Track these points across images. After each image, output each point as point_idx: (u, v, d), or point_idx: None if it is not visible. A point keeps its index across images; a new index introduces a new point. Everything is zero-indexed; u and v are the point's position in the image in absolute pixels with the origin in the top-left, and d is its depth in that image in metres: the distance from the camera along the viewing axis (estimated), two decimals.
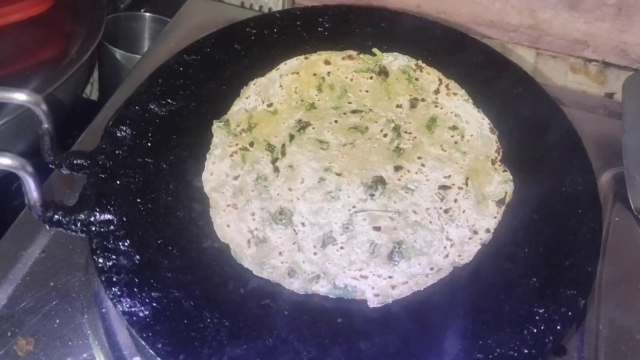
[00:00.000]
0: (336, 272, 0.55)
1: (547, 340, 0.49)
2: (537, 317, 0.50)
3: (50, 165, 0.58)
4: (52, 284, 0.59)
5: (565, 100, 0.73)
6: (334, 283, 0.54)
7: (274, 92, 0.66)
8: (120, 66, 0.88)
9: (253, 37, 0.71)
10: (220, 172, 0.60)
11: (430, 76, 0.67)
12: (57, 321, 0.57)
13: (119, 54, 0.87)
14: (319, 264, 0.55)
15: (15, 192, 0.73)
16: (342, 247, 0.56)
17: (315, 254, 0.56)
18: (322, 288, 0.54)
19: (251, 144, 0.62)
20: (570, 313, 0.50)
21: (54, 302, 0.58)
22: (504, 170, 0.61)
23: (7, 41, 0.82)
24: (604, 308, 0.58)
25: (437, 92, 0.66)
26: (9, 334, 0.56)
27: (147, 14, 0.94)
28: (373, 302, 0.53)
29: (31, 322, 0.57)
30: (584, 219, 0.56)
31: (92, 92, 0.99)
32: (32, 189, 0.50)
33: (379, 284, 0.54)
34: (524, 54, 0.99)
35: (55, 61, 0.80)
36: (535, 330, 0.50)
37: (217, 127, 0.63)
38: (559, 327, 0.50)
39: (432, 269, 0.55)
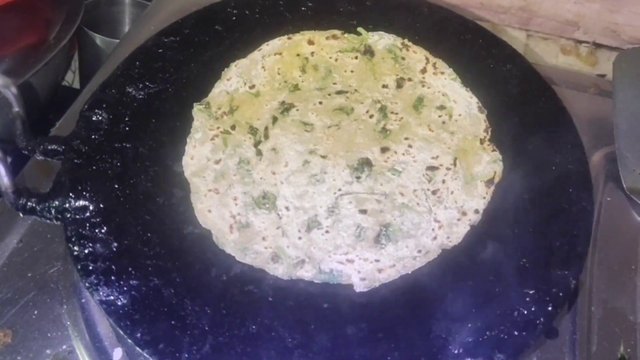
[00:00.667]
0: (321, 257, 0.53)
1: (538, 322, 0.48)
2: (527, 299, 0.49)
3: (23, 151, 0.56)
4: (30, 274, 0.57)
5: (555, 79, 0.71)
6: (319, 268, 0.53)
7: (256, 74, 0.64)
8: (101, 52, 0.86)
9: (234, 18, 0.68)
10: (201, 156, 0.59)
11: (417, 55, 0.66)
12: (36, 312, 0.55)
13: (99, 39, 0.85)
14: (303, 248, 0.54)
15: None
16: (327, 231, 0.55)
17: (299, 238, 0.54)
18: (307, 273, 0.52)
19: (233, 127, 0.61)
20: (561, 294, 0.49)
21: (32, 293, 0.56)
22: (493, 150, 0.59)
23: None
24: (596, 289, 0.57)
25: (424, 71, 0.64)
26: None
27: None
28: (359, 287, 0.52)
29: (9, 313, 0.55)
30: (575, 199, 0.55)
31: (74, 80, 0.97)
32: (2, 175, 0.49)
33: (365, 268, 0.52)
34: (515, 35, 0.98)
35: (35, 47, 0.78)
36: (525, 312, 0.49)
37: (197, 110, 0.61)
38: (549, 309, 0.48)
39: (419, 251, 0.54)
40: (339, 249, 0.53)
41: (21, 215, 0.53)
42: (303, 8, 0.69)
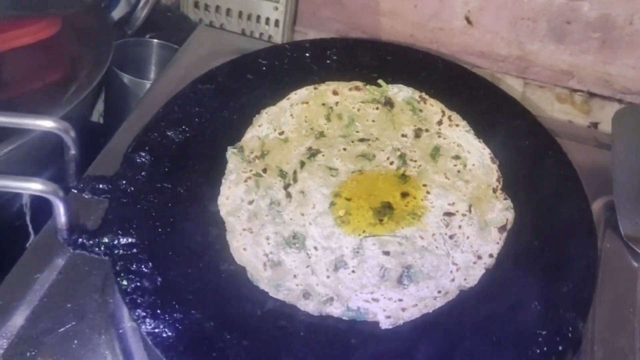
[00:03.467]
0: (349, 295, 0.57)
1: None
2: (540, 339, 0.54)
3: (73, 190, 0.60)
4: (69, 305, 0.60)
5: (557, 131, 0.77)
6: (347, 305, 0.56)
7: (285, 121, 0.69)
8: (127, 90, 0.90)
9: (264, 68, 0.74)
10: (236, 196, 0.63)
11: (434, 108, 0.71)
12: (75, 342, 0.58)
13: (126, 78, 0.89)
14: (332, 286, 0.58)
15: (17, 213, 0.74)
16: (353, 271, 0.59)
17: (328, 277, 0.58)
18: (335, 310, 0.56)
19: (264, 170, 0.65)
20: (570, 335, 0.54)
21: (72, 323, 0.59)
22: (505, 198, 0.64)
23: (15, 64, 0.83)
24: (598, 330, 0.61)
25: (440, 123, 0.70)
26: (29, 355, 0.57)
27: (155, 40, 0.97)
28: (385, 324, 0.56)
29: (50, 342, 0.58)
30: (580, 246, 0.60)
31: (92, 114, 1.00)
32: (61, 214, 0.52)
33: (389, 307, 0.56)
34: (513, 83, 1.04)
35: (62, 85, 0.81)
36: (538, 351, 0.53)
37: (231, 153, 0.66)
38: (560, 349, 0.53)
39: (439, 292, 0.58)
40: (364, 288, 0.58)
41: (71, 250, 0.57)
42: (328, 61, 0.75)
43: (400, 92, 0.72)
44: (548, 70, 1.03)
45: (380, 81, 0.73)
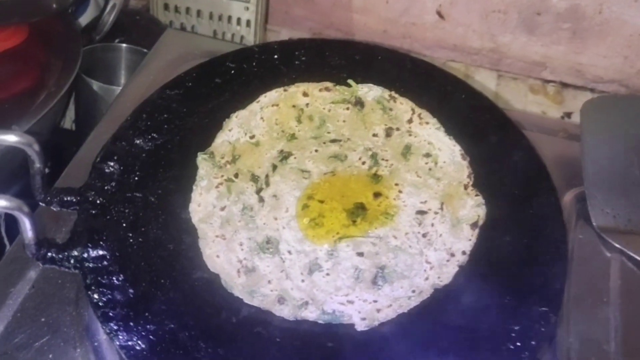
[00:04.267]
0: (324, 298, 0.57)
1: (523, 356, 0.53)
2: (513, 334, 0.54)
3: (40, 203, 0.59)
4: (43, 319, 0.60)
5: (526, 124, 0.78)
6: (322, 309, 0.57)
7: (255, 124, 0.69)
8: (97, 97, 0.89)
9: (233, 71, 0.73)
10: (207, 203, 0.63)
11: (404, 106, 0.71)
12: (50, 356, 0.58)
13: (95, 85, 0.88)
14: (306, 290, 0.58)
15: None
16: (327, 274, 0.59)
17: (302, 281, 0.58)
18: (311, 314, 0.56)
19: (236, 175, 0.65)
20: (543, 329, 0.54)
21: (46, 337, 0.59)
22: (476, 195, 0.64)
23: None
24: (573, 322, 0.62)
25: (410, 121, 0.70)
26: None
27: (123, 45, 0.96)
28: (360, 326, 0.56)
29: (24, 357, 0.57)
30: (550, 239, 0.60)
31: (65, 120, 0.99)
32: (27, 229, 0.52)
33: (365, 308, 0.57)
34: (486, 75, 1.05)
35: (31, 94, 0.80)
36: (512, 347, 0.53)
37: (202, 159, 0.65)
38: (533, 343, 0.53)
39: (414, 291, 0.58)
40: (339, 291, 0.58)
41: (40, 265, 0.56)
42: (297, 62, 0.74)
43: (370, 92, 0.72)
44: (521, 62, 1.04)
45: (350, 81, 0.73)
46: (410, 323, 0.56)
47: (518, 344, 0.53)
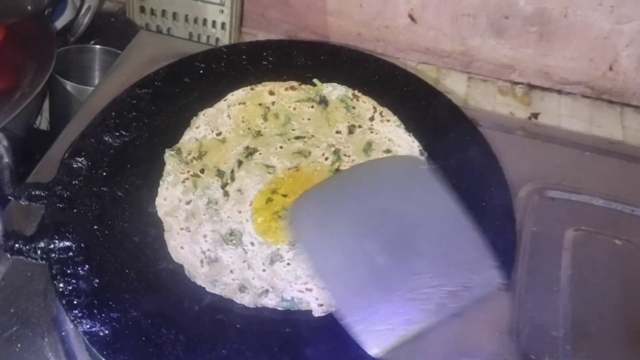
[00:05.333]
0: (283, 287, 0.59)
1: None
2: None
3: (9, 197, 0.61)
4: (12, 310, 0.62)
5: (488, 123, 0.80)
6: (282, 296, 0.59)
7: (222, 122, 0.71)
8: (71, 98, 0.91)
9: (202, 71, 0.75)
10: (173, 197, 0.65)
11: (366, 105, 0.74)
12: (19, 345, 0.60)
13: (69, 86, 0.90)
14: (267, 279, 0.60)
15: None
16: (288, 264, 0.61)
17: (264, 270, 0.61)
18: (270, 301, 0.59)
19: (202, 171, 0.67)
20: None
21: (15, 328, 0.60)
22: None
23: None
24: (523, 309, 0.65)
25: (372, 119, 0.73)
26: None
27: (97, 47, 0.97)
28: (317, 312, 0.58)
29: None
30: (501, 230, 0.63)
31: (41, 121, 1.01)
32: None
33: (322, 295, 0.59)
34: (457, 77, 1.07)
35: (7, 94, 0.82)
36: None
37: (169, 155, 0.68)
38: None
39: None
40: (299, 279, 0.60)
41: (8, 255, 0.58)
42: (264, 62, 0.77)
43: (334, 91, 0.75)
44: (490, 64, 1.07)
45: (315, 80, 0.75)
46: None
47: None
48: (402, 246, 0.55)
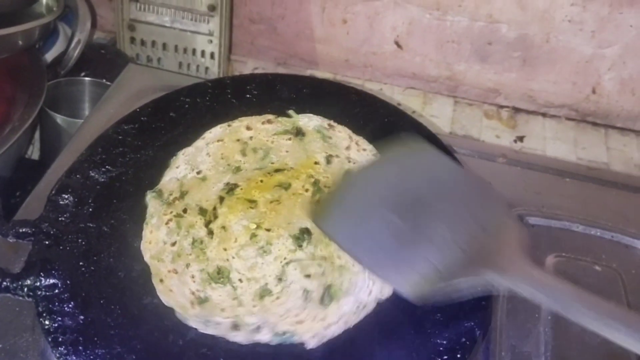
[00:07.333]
0: (275, 321, 0.59)
1: None
2: (441, 348, 0.58)
3: None
4: (0, 345, 0.63)
5: (466, 150, 0.82)
6: (274, 331, 0.59)
7: (202, 160, 0.71)
8: (61, 130, 0.92)
9: (187, 105, 0.77)
10: (158, 240, 0.65)
11: (342, 134, 0.74)
12: None
13: (59, 118, 0.91)
14: (259, 315, 0.60)
15: None
16: (278, 297, 0.61)
17: (254, 306, 0.61)
18: (264, 337, 0.59)
19: (184, 210, 0.67)
20: (468, 342, 0.58)
21: None
22: None
23: None
24: (505, 336, 0.66)
25: (348, 148, 0.73)
26: None
27: (87, 79, 0.99)
28: (310, 344, 0.58)
29: None
30: None
31: (33, 151, 1.02)
32: None
33: (314, 327, 0.59)
34: (444, 102, 1.10)
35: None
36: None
37: (150, 197, 0.68)
38: (459, 356, 0.57)
39: (358, 307, 0.61)
40: (290, 312, 0.60)
41: None
42: (248, 95, 0.79)
43: (310, 122, 0.75)
44: (476, 88, 1.09)
45: (289, 111, 0.76)
46: (354, 337, 0.59)
47: (445, 357, 0.57)
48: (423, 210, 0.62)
